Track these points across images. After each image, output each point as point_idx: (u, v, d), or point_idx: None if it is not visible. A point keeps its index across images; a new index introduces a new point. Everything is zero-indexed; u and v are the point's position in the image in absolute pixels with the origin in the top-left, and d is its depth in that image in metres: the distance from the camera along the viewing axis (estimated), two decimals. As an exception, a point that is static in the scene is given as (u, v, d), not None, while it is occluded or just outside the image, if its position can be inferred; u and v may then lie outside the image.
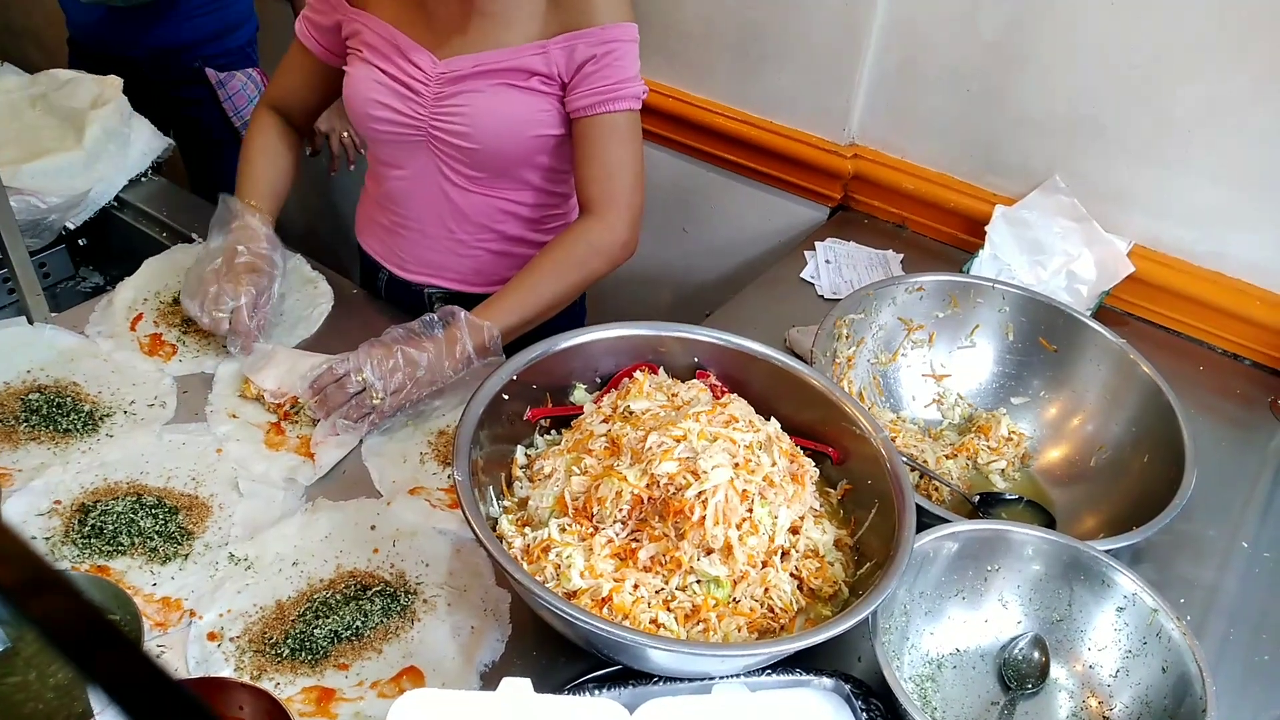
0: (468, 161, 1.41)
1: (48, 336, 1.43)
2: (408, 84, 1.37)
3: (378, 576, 1.12)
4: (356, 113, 1.42)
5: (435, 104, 1.37)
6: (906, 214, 1.87)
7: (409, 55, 1.36)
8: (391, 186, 1.50)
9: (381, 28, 1.37)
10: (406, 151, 1.43)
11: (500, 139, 1.38)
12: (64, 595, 0.35)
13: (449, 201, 1.47)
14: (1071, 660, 1.07)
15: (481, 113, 1.36)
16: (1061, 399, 1.39)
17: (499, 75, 1.34)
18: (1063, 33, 1.58)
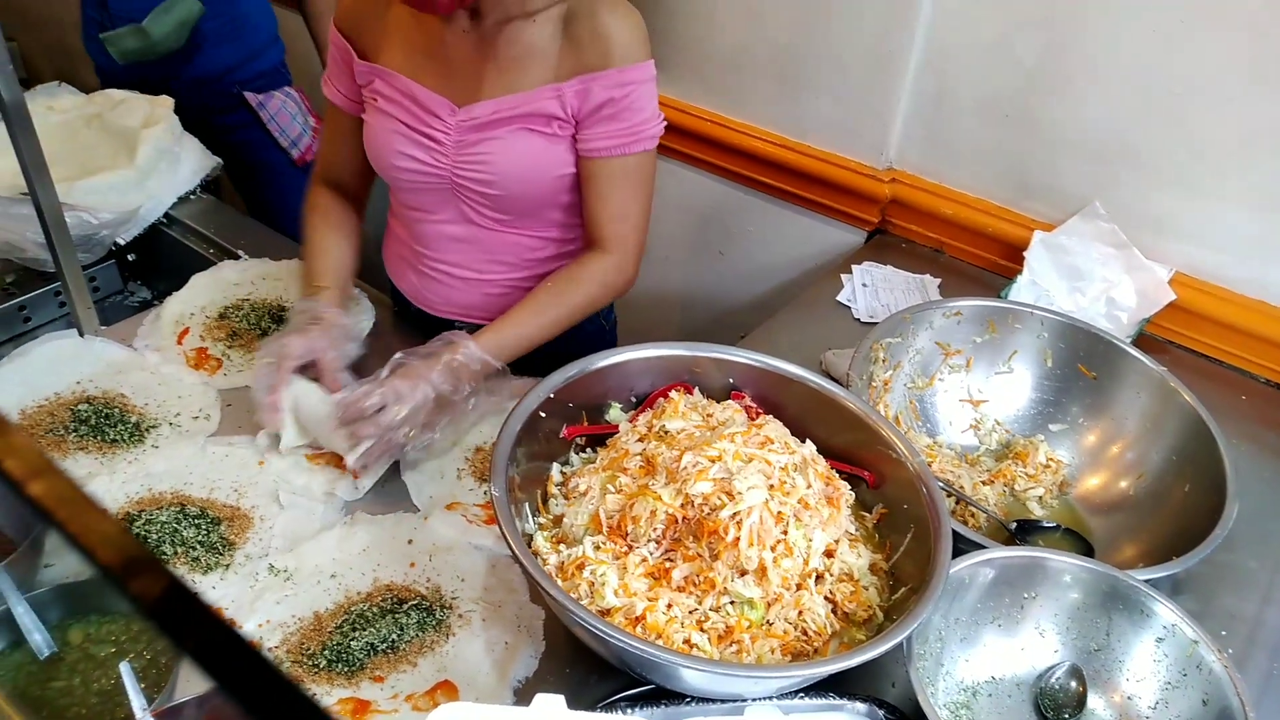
0: (493, 206, 1.40)
1: (97, 349, 1.46)
2: (429, 134, 1.36)
3: (414, 590, 1.13)
4: (379, 162, 1.42)
5: (457, 152, 1.36)
6: (944, 238, 1.87)
7: (427, 106, 1.35)
8: (420, 230, 1.49)
9: (395, 79, 1.36)
10: (433, 198, 1.43)
11: (524, 183, 1.37)
12: (158, 576, 0.37)
13: (478, 244, 1.47)
14: (1109, 691, 1.06)
15: (504, 159, 1.34)
16: (1101, 426, 1.38)
17: (518, 120, 1.33)
18: (1101, 58, 1.58)
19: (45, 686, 0.96)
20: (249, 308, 1.57)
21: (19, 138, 1.26)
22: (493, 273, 1.50)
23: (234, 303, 1.58)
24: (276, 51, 2.24)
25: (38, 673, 0.97)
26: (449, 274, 1.52)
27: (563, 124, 1.33)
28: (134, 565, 0.37)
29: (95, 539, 0.38)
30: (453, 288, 1.53)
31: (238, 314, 1.55)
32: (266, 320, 1.54)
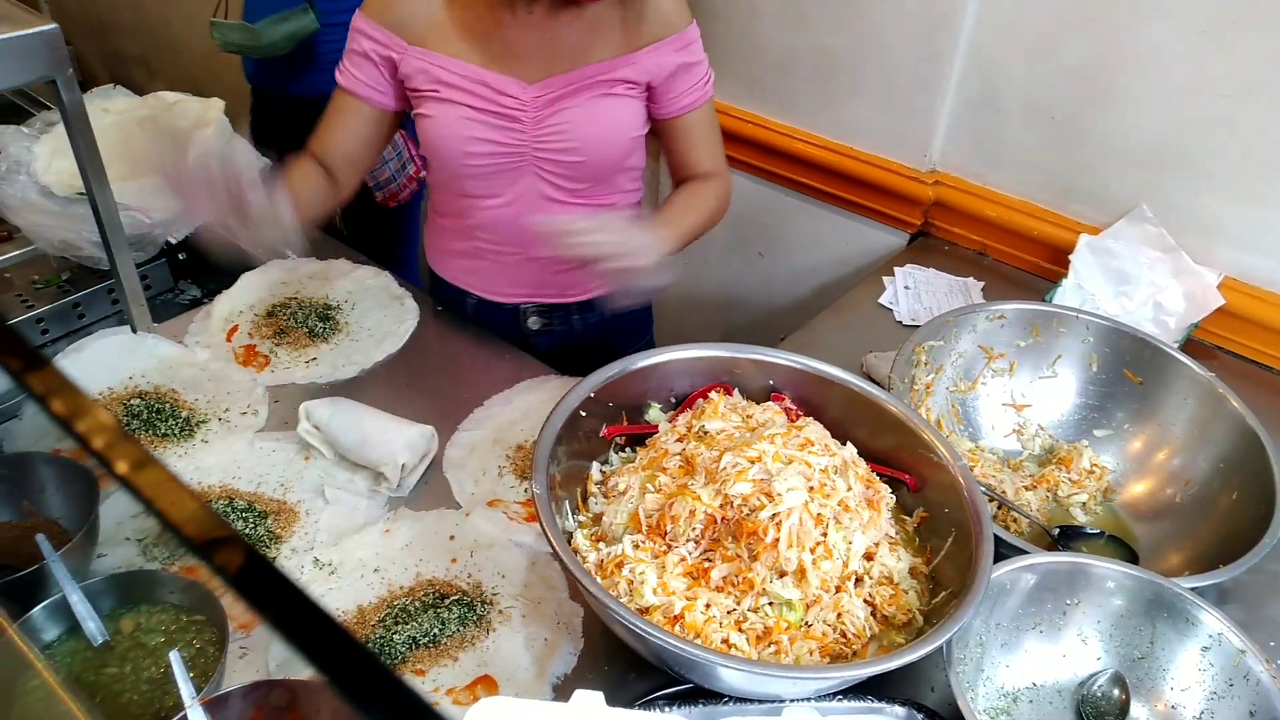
0: (573, 175, 1.44)
1: (149, 345, 1.49)
2: (505, 113, 1.38)
3: (455, 586, 1.14)
4: (449, 152, 1.41)
5: (536, 126, 1.39)
6: (988, 241, 1.86)
7: (497, 87, 1.37)
8: (484, 217, 1.50)
9: (456, 65, 1.37)
10: (505, 179, 1.44)
11: (605, 145, 1.43)
12: (240, 549, 0.39)
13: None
14: (1153, 699, 1.04)
15: (583, 125, 1.39)
16: (1146, 432, 1.36)
17: (593, 87, 1.39)
18: (1149, 61, 1.56)
19: (98, 673, 0.98)
20: (296, 306, 1.59)
21: (78, 140, 1.29)
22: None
23: (281, 301, 1.61)
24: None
25: (91, 659, 0.99)
26: (516, 254, 1.53)
27: (630, 85, 1.41)
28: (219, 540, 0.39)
29: (183, 515, 0.39)
30: (520, 269, 1.55)
31: (285, 312, 1.58)
32: (314, 319, 1.57)
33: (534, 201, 1.46)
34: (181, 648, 0.99)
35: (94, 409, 0.43)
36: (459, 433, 1.38)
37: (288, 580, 0.38)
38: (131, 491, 0.40)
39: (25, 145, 1.72)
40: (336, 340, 1.55)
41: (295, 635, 0.37)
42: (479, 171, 1.43)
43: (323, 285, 1.66)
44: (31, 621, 0.98)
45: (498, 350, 1.56)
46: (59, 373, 0.45)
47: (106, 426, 0.42)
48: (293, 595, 0.37)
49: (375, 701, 0.35)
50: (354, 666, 0.36)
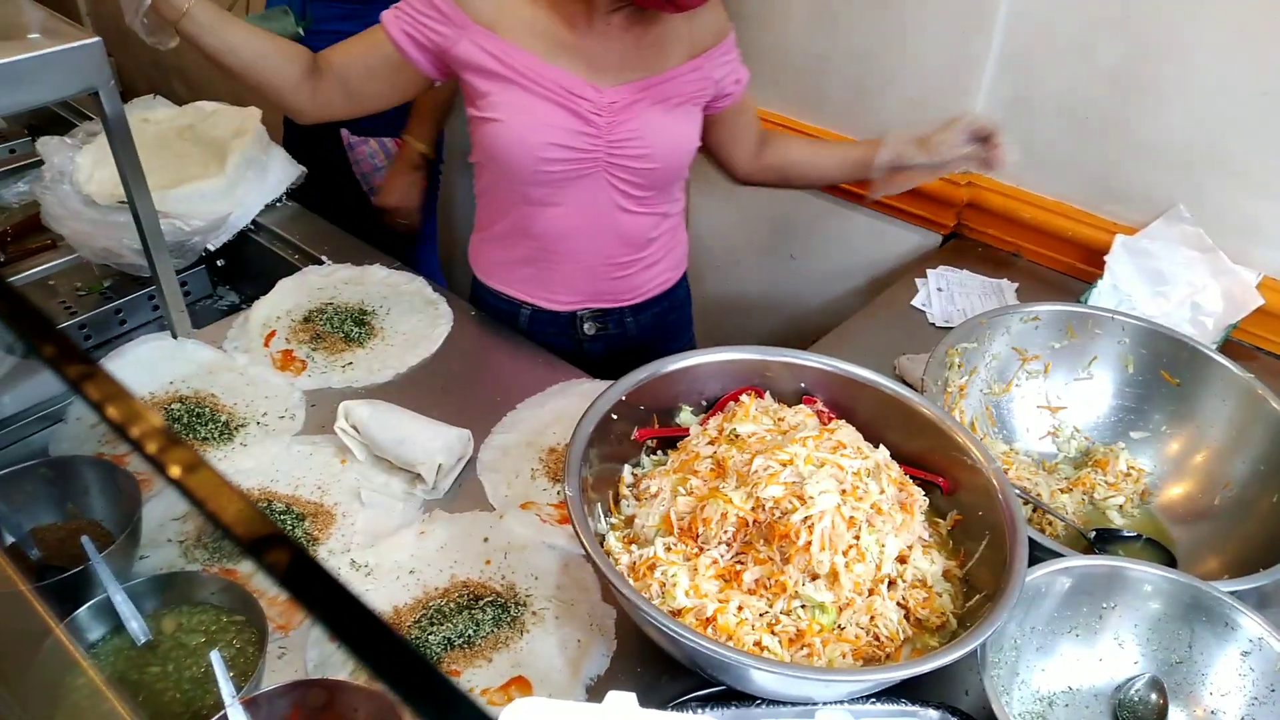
0: (642, 182, 1.46)
1: (189, 351, 1.52)
2: (583, 116, 1.37)
3: (489, 587, 1.15)
4: (524, 158, 1.38)
5: (610, 131, 1.39)
6: (1021, 242, 1.84)
7: (572, 89, 1.36)
8: (545, 225, 1.48)
9: (528, 59, 1.34)
10: (574, 186, 1.43)
11: (675, 153, 1.46)
12: (289, 549, 0.41)
13: (614, 226, 1.50)
14: (1192, 704, 1.03)
15: (656, 131, 1.42)
16: (1184, 434, 1.34)
17: (666, 97, 1.42)
18: (1186, 60, 1.54)
19: (142, 672, 1.00)
20: (332, 311, 1.61)
21: (119, 149, 1.31)
22: (621, 255, 1.55)
23: (318, 306, 1.63)
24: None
25: (135, 658, 1.01)
26: (575, 261, 1.54)
27: (700, 97, 1.46)
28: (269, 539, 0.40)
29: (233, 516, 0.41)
30: (575, 275, 1.56)
31: (321, 317, 1.60)
32: (350, 324, 1.59)
33: (599, 209, 1.47)
34: (222, 647, 1.01)
35: (145, 412, 0.44)
36: (492, 435, 1.39)
37: (335, 579, 0.39)
38: (182, 492, 0.41)
39: (68, 155, 1.75)
40: (372, 345, 1.56)
41: (342, 632, 0.38)
42: (550, 178, 1.41)
43: (358, 290, 1.68)
44: (77, 621, 1.01)
45: (530, 354, 1.58)
46: (109, 376, 0.46)
47: (157, 429, 0.43)
48: (339, 594, 0.38)
49: (419, 697, 0.36)
50: (399, 663, 0.37)
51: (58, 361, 0.47)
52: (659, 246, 1.60)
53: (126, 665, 1.00)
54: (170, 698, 0.98)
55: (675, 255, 1.66)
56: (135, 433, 0.43)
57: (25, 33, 1.20)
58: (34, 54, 1.17)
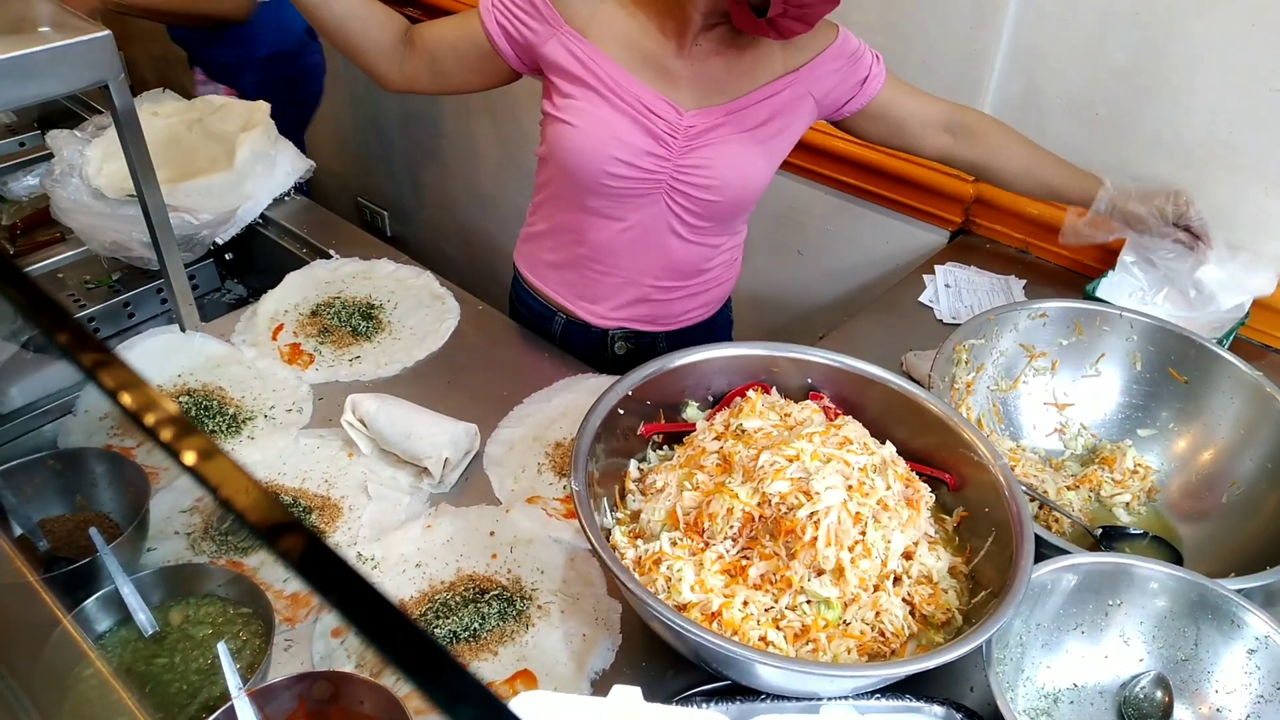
0: (702, 212, 1.41)
1: (197, 344, 1.52)
2: (657, 136, 1.34)
3: (495, 581, 1.16)
4: (589, 166, 1.36)
5: (681, 156, 1.35)
6: (1029, 238, 1.84)
7: (652, 107, 1.33)
8: (599, 237, 1.46)
9: (616, 73, 1.32)
10: (634, 204, 1.40)
11: (741, 190, 1.40)
12: (301, 535, 0.41)
13: (666, 252, 1.47)
14: (1197, 702, 1.03)
15: (726, 164, 1.36)
16: (1192, 432, 1.34)
17: (741, 124, 1.36)
18: (1198, 56, 1.54)
19: (149, 663, 1.01)
20: (340, 305, 1.62)
21: (129, 143, 1.32)
22: (666, 280, 1.51)
23: (326, 300, 1.63)
24: (243, 50, 2.38)
25: (142, 650, 1.02)
26: (625, 279, 1.51)
27: (793, 116, 1.39)
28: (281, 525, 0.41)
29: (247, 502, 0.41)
30: (622, 293, 1.53)
31: (329, 311, 1.60)
32: (357, 318, 1.59)
33: (655, 231, 1.43)
34: (229, 639, 1.01)
35: (160, 399, 0.45)
36: (499, 430, 1.39)
37: (349, 565, 0.39)
38: (197, 478, 0.41)
39: (78, 149, 1.76)
40: (379, 339, 1.57)
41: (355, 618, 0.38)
42: (612, 191, 1.38)
43: (365, 284, 1.68)
44: (85, 612, 1.01)
45: (537, 349, 1.58)
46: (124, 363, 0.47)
47: (173, 416, 0.44)
48: (354, 581, 0.39)
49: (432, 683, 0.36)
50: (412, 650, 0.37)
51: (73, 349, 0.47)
52: (709, 279, 1.56)
53: (134, 656, 1.01)
54: (177, 689, 0.98)
55: (724, 289, 1.63)
56: (150, 419, 0.44)
57: (35, 26, 1.20)
58: (44, 47, 1.17)
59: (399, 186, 3.29)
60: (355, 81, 3.09)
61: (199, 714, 0.94)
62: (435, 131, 2.99)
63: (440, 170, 3.09)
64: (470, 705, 0.36)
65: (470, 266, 3.17)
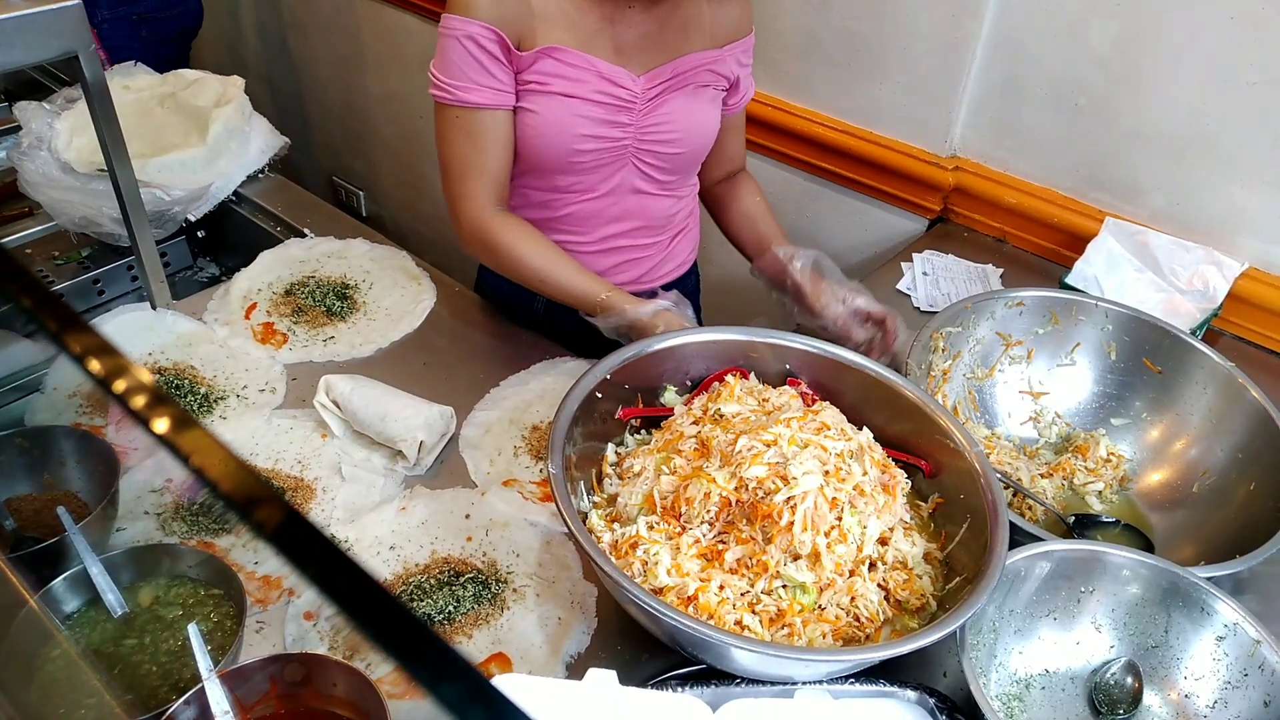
0: (668, 167, 1.47)
1: (168, 322, 1.50)
2: (618, 105, 1.37)
3: (470, 564, 1.15)
4: (554, 150, 1.37)
5: (643, 118, 1.40)
6: (1007, 228, 1.84)
7: (611, 78, 1.36)
8: (570, 211, 1.48)
9: (571, 55, 1.33)
10: (604, 172, 1.44)
11: (700, 137, 1.48)
12: (277, 507, 0.41)
13: (639, 210, 1.51)
14: (1166, 688, 1.04)
15: (684, 116, 1.43)
16: (1164, 422, 1.35)
17: (692, 80, 1.43)
18: (1178, 48, 1.54)
19: (118, 644, 0.99)
20: (314, 285, 1.60)
21: (99, 115, 1.29)
22: (642, 238, 1.56)
23: (300, 279, 1.62)
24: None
25: (111, 631, 1.00)
26: (598, 246, 1.53)
27: (723, 84, 1.48)
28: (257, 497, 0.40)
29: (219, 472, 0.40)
30: (598, 259, 1.54)
31: (303, 290, 1.59)
32: (331, 298, 1.57)
33: (624, 193, 1.48)
34: (200, 621, 1.00)
35: (133, 368, 0.44)
36: (475, 412, 1.39)
37: (326, 538, 0.38)
38: (171, 449, 0.41)
39: (47, 121, 1.73)
40: (354, 319, 1.55)
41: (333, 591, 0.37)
42: (582, 166, 1.40)
43: (340, 264, 1.66)
44: (52, 592, 1.00)
45: (513, 332, 1.57)
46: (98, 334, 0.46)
47: (147, 385, 0.43)
48: (330, 553, 0.38)
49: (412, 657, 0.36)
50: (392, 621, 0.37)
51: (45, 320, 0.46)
52: (677, 229, 1.61)
53: (102, 637, 1.00)
54: (147, 670, 0.97)
55: (690, 238, 1.67)
56: (123, 388, 0.43)
57: (3, -6, 1.18)
58: (11, 15, 1.15)
59: (375, 166, 3.26)
60: (330, 61, 3.05)
61: (169, 695, 0.93)
62: (412, 111, 2.96)
63: (417, 150, 3.05)
64: (451, 680, 0.36)
65: (446, 248, 3.15)
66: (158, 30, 2.11)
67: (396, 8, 2.68)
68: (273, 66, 3.31)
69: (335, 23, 2.95)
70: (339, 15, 2.93)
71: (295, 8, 3.08)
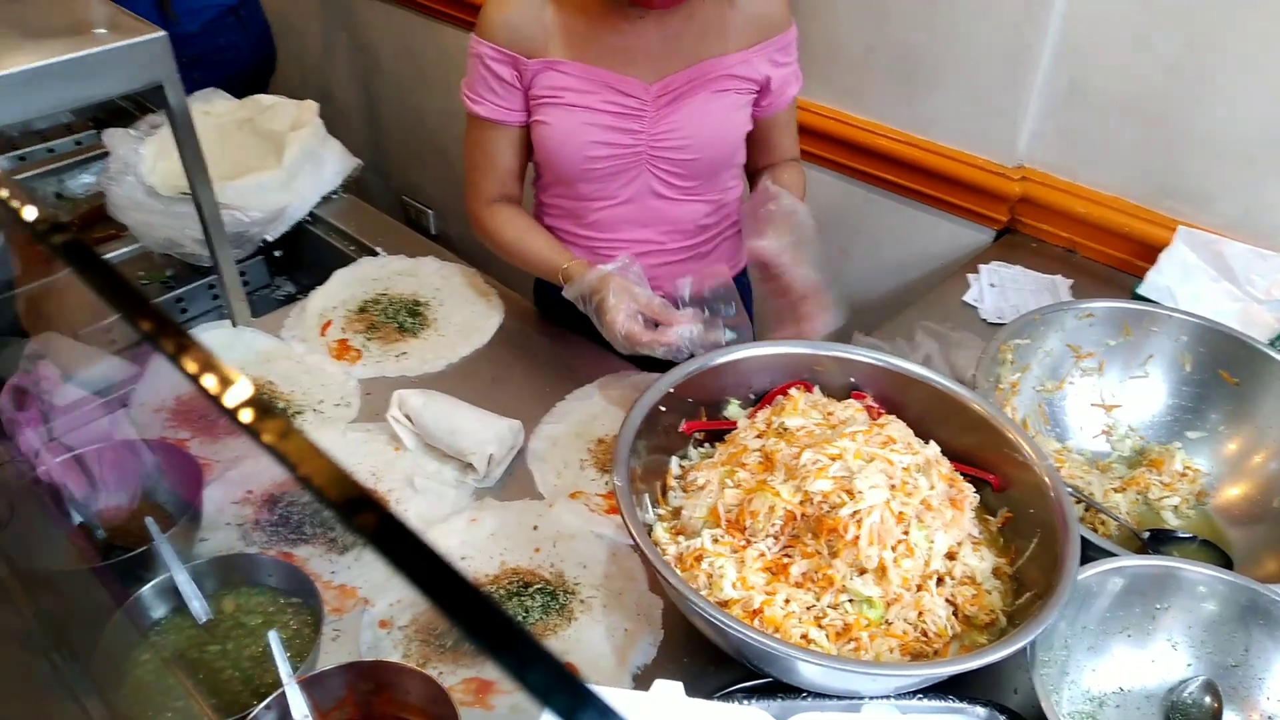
0: (684, 173, 1.47)
1: (248, 339, 1.55)
2: (628, 114, 1.41)
3: (538, 575, 1.17)
4: (569, 158, 1.43)
5: (654, 125, 1.42)
6: (1076, 238, 1.81)
7: (620, 88, 1.39)
8: (599, 217, 1.52)
9: (579, 69, 1.39)
10: (621, 180, 1.47)
11: (715, 143, 1.47)
12: (378, 512, 0.44)
13: (661, 215, 1.53)
14: (1248, 709, 1.02)
15: (698, 123, 1.43)
16: (1243, 435, 1.32)
17: (708, 85, 1.42)
18: (1249, 52, 1.51)
19: (202, 650, 1.03)
20: (387, 302, 1.64)
21: (183, 141, 1.35)
22: (672, 242, 1.57)
23: (373, 297, 1.66)
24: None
25: (195, 637, 1.04)
26: (627, 251, 1.51)
27: (749, 87, 1.45)
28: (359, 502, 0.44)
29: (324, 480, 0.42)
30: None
31: (376, 308, 1.63)
32: (403, 314, 1.61)
33: (646, 199, 1.50)
34: (279, 628, 1.03)
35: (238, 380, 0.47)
36: (542, 425, 1.41)
37: (423, 541, 0.40)
38: (276, 456, 0.43)
39: (133, 147, 1.80)
40: (425, 335, 1.59)
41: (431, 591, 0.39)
42: (597, 174, 1.46)
43: (411, 282, 1.70)
44: (141, 600, 1.04)
45: (580, 346, 1.59)
46: (202, 347, 0.49)
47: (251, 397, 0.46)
48: (428, 555, 0.40)
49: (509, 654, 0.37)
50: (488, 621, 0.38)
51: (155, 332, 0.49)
52: (715, 234, 1.60)
53: (188, 643, 1.04)
54: (229, 675, 1.01)
55: (733, 244, 1.66)
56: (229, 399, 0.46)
57: (92, 27, 1.23)
58: (101, 48, 1.20)
59: (443, 185, 3.32)
60: (396, 82, 3.13)
61: (250, 700, 0.96)
62: (479, 130, 3.01)
63: (483, 168, 3.10)
64: (542, 676, 0.37)
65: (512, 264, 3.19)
66: (209, 74, 2.23)
67: (456, 28, 2.74)
68: (344, 89, 3.40)
69: (400, 44, 3.03)
70: (403, 36, 2.99)
71: (361, 30, 3.16)
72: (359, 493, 0.42)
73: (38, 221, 0.55)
